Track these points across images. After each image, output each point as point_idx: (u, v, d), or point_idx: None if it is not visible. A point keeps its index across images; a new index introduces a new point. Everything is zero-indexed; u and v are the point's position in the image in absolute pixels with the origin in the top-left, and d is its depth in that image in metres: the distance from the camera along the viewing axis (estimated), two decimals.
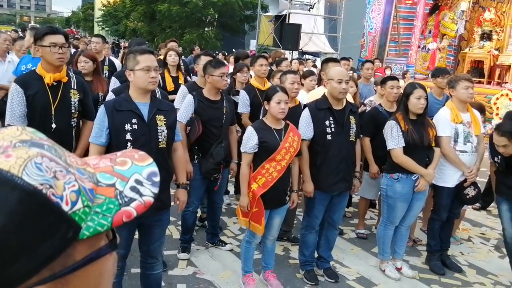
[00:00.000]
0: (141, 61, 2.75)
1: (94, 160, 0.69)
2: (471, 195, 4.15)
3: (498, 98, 10.59)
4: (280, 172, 3.39)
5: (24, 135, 0.60)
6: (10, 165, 0.55)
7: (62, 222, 0.57)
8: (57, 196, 0.56)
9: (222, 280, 3.77)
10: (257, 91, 4.81)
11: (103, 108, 2.81)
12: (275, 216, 3.56)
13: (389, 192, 3.93)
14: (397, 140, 3.80)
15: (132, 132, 2.77)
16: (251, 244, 3.61)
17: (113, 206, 0.63)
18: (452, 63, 14.06)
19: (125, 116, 2.77)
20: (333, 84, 3.64)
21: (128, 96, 2.84)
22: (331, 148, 3.66)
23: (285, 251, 4.41)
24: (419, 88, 3.85)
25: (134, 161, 0.69)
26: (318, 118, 3.67)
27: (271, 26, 19.69)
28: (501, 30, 12.92)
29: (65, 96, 3.20)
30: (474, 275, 4.27)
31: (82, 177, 0.62)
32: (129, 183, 0.65)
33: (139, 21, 33.26)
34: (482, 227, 5.56)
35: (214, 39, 26.95)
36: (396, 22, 14.37)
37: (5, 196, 0.53)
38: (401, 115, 3.86)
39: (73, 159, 0.63)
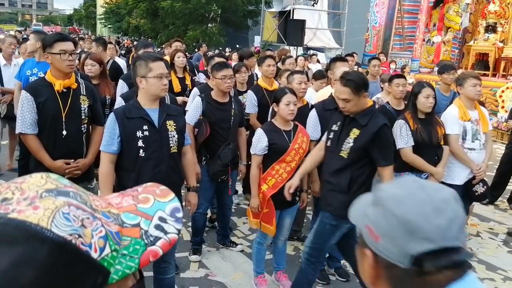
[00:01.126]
0: (154, 69, 2.76)
1: (117, 198, 0.70)
2: (480, 192, 4.18)
3: (503, 91, 10.55)
4: (289, 173, 3.43)
5: (49, 183, 0.61)
6: (39, 218, 0.55)
7: (92, 269, 0.58)
8: (86, 244, 0.58)
9: (234, 282, 3.82)
10: (265, 91, 4.83)
11: (113, 116, 2.82)
12: (285, 216, 3.60)
13: None
14: (406, 139, 3.83)
15: (144, 139, 2.79)
16: (263, 245, 3.65)
17: (140, 247, 0.64)
18: (457, 56, 14.00)
19: (136, 123, 2.79)
20: (337, 86, 3.65)
21: (137, 103, 2.85)
22: None
23: (296, 250, 4.45)
24: (427, 87, 3.87)
25: (156, 198, 0.70)
26: (326, 119, 3.70)
27: (275, 22, 19.67)
28: (505, 22, 12.84)
29: (75, 102, 3.22)
30: (483, 270, 4.30)
31: (108, 220, 0.63)
32: (153, 221, 0.66)
33: (142, 18, 33.25)
34: (490, 221, 5.58)
35: (217, 35, 26.89)
36: (401, 16, 14.32)
37: (36, 250, 0.54)
38: (410, 114, 3.89)
39: (97, 203, 0.64)
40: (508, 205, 6.10)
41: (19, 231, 0.54)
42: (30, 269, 0.53)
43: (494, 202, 6.17)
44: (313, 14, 19.53)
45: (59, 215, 0.57)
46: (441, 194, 0.83)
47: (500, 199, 6.22)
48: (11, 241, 0.54)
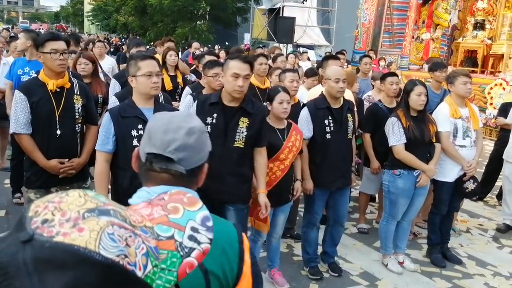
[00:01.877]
0: (143, 67, 2.78)
1: (146, 209, 0.71)
2: (471, 189, 4.23)
3: (492, 87, 10.67)
4: (283, 171, 3.45)
5: (89, 202, 0.60)
6: (86, 241, 0.55)
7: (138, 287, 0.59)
8: (132, 264, 0.58)
9: None
10: (257, 89, 4.83)
11: (108, 115, 2.83)
12: (279, 213, 3.62)
13: (391, 188, 4.00)
14: (398, 136, 3.87)
15: (139, 138, 2.78)
16: (257, 242, 3.66)
17: (176, 260, 0.65)
18: (445, 53, 14.15)
19: (131, 122, 2.79)
20: (331, 84, 3.69)
21: (132, 102, 2.86)
22: (331, 146, 3.73)
23: (289, 248, 4.47)
24: (419, 85, 3.91)
25: (186, 207, 0.71)
26: (317, 117, 3.72)
27: (265, 19, 19.66)
28: (494, 19, 13.00)
29: (69, 102, 3.20)
30: (474, 266, 4.36)
31: (147, 236, 0.63)
32: (186, 232, 0.68)
33: (130, 15, 33.02)
34: (480, 218, 5.65)
35: (206, 32, 26.82)
36: (390, 13, 14.40)
37: (87, 274, 0.54)
38: (402, 111, 3.92)
39: (134, 218, 0.64)
40: (497, 202, 6.18)
41: (68, 256, 0.54)
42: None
43: (483, 198, 6.24)
44: (302, 11, 19.56)
45: (105, 237, 0.57)
46: (179, 124, 1.10)
47: (489, 195, 6.30)
48: (61, 265, 0.53)
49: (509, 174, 5.24)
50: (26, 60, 4.72)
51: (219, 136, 3.02)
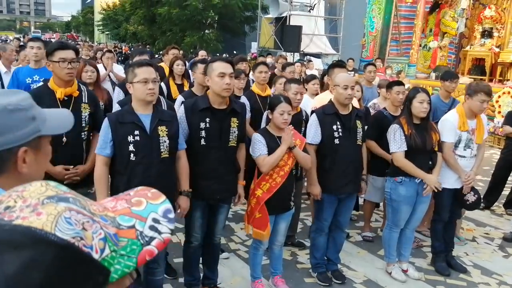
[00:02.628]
0: (139, 74, 2.86)
1: (111, 202, 0.74)
2: (472, 201, 4.23)
3: (500, 96, 10.61)
4: (283, 177, 3.47)
5: (49, 191, 0.64)
6: (43, 223, 0.59)
7: (94, 269, 0.62)
8: (88, 246, 0.61)
9: (232, 286, 3.84)
10: (258, 97, 4.86)
11: (106, 120, 2.92)
12: (280, 221, 3.63)
13: (393, 195, 4.00)
14: (399, 144, 3.87)
15: (135, 144, 2.87)
16: (259, 250, 3.68)
17: (136, 247, 0.68)
18: (453, 61, 14.10)
19: (128, 128, 2.87)
20: (339, 90, 3.72)
21: (130, 108, 2.94)
22: (339, 152, 3.75)
23: (293, 255, 4.47)
24: (422, 92, 3.91)
25: (149, 200, 0.74)
26: (326, 123, 3.75)
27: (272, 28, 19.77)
28: (501, 27, 12.95)
29: (76, 110, 3.24)
30: (479, 275, 4.33)
31: (106, 223, 0.67)
32: (147, 222, 0.70)
33: (139, 25, 33.33)
34: (486, 226, 5.61)
35: (215, 41, 26.98)
36: (397, 21, 14.41)
37: (43, 253, 0.58)
38: (405, 119, 3.93)
39: (95, 207, 0.68)
40: (504, 210, 6.13)
41: (25, 236, 0.58)
42: (37, 271, 0.57)
43: (490, 207, 6.20)
44: (309, 20, 19.65)
45: (62, 220, 0.60)
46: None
47: (496, 204, 6.25)
48: (18, 246, 0.57)
49: None
50: (32, 68, 4.79)
51: (214, 139, 3.20)
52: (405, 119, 3.92)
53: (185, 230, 3.54)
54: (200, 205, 3.35)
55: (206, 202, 3.37)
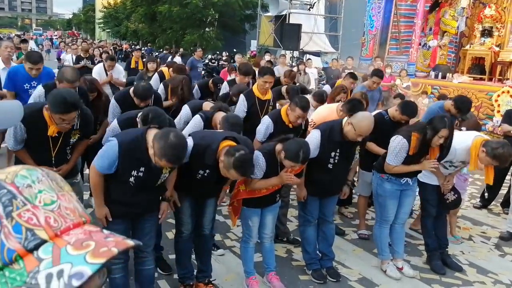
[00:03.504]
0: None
1: (79, 230, 0.65)
2: (451, 200, 4.29)
3: (499, 95, 10.58)
4: (268, 191, 3.55)
5: (9, 175, 0.62)
6: None
7: None
8: None
9: (226, 283, 3.84)
10: (257, 99, 4.83)
11: (117, 146, 2.79)
12: (267, 214, 3.67)
13: (379, 190, 4.09)
14: (398, 160, 3.86)
15: (136, 177, 2.89)
16: (249, 243, 3.69)
17: (19, 280, 0.58)
18: (453, 60, 14.06)
19: (135, 163, 2.84)
20: (353, 133, 3.61)
21: (144, 143, 2.79)
22: (329, 173, 3.80)
23: (288, 253, 4.47)
24: (446, 129, 3.70)
25: (88, 252, 0.60)
26: (326, 148, 3.74)
27: (272, 26, 19.73)
28: (501, 26, 12.90)
29: (65, 141, 3.34)
30: (474, 274, 4.32)
31: (14, 235, 0.59)
32: (52, 269, 0.59)
33: (140, 22, 33.39)
34: (483, 225, 5.60)
35: (215, 39, 27.00)
36: (397, 20, 14.37)
37: None
38: (418, 139, 3.76)
39: (32, 216, 0.61)
40: (501, 209, 6.12)
41: None
42: None
43: (487, 206, 6.19)
44: (309, 18, 19.59)
45: None
46: None
47: (493, 203, 6.24)
48: None
49: None
50: (29, 75, 4.72)
51: (210, 182, 3.28)
52: (417, 140, 3.76)
53: (175, 221, 3.58)
54: (187, 197, 3.42)
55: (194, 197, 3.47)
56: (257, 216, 3.59)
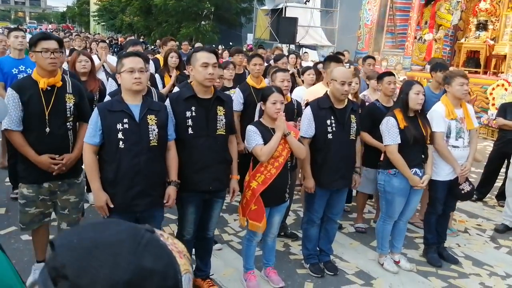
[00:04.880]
0: (126, 64, 2.92)
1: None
2: (466, 190, 4.23)
3: (494, 88, 10.66)
4: (278, 168, 3.45)
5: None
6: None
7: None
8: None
9: (224, 278, 3.86)
10: (252, 89, 4.85)
11: (96, 110, 2.95)
12: (275, 214, 3.64)
13: (387, 187, 4.00)
14: (393, 136, 3.86)
15: (123, 131, 2.88)
16: (252, 242, 3.69)
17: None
18: (448, 53, 14.11)
19: (117, 116, 2.90)
20: (336, 85, 3.71)
21: (120, 98, 2.97)
22: (332, 146, 3.75)
23: (286, 247, 4.49)
24: (417, 84, 3.93)
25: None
26: (320, 117, 3.74)
27: (268, 20, 19.69)
28: (496, 20, 12.96)
29: (60, 100, 3.24)
30: (470, 266, 4.36)
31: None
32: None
33: (135, 16, 33.12)
34: (478, 218, 5.65)
35: (211, 32, 26.86)
36: (392, 14, 14.39)
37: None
38: (400, 111, 3.91)
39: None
40: (496, 202, 6.18)
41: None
42: None
43: (482, 198, 6.24)
44: (305, 11, 19.57)
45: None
46: None
47: (488, 195, 6.29)
48: None
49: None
50: (15, 59, 4.77)
51: (202, 128, 3.22)
52: (401, 112, 3.91)
53: (178, 224, 3.53)
54: (194, 200, 3.33)
55: (200, 197, 3.34)
56: (266, 215, 3.54)
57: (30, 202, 3.28)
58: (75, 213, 3.48)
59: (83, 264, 0.61)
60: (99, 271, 0.60)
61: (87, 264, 0.61)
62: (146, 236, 0.67)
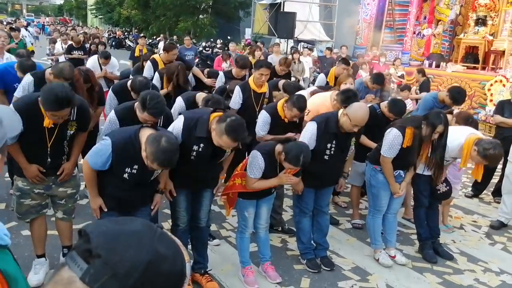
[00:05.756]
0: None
1: None
2: (442, 191, 4.36)
3: (492, 84, 10.65)
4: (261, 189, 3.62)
5: None
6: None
7: None
8: None
9: (222, 273, 3.90)
10: (252, 92, 4.85)
11: (110, 145, 2.85)
12: (262, 205, 3.74)
13: (372, 181, 4.16)
14: (393, 151, 3.94)
15: (130, 174, 2.94)
16: (244, 233, 3.75)
17: None
18: (447, 48, 14.11)
19: (129, 161, 2.90)
20: (347, 123, 3.67)
21: (137, 143, 2.85)
22: (325, 165, 3.85)
23: (283, 242, 4.53)
24: (442, 125, 3.85)
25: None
26: (323, 139, 3.78)
27: (266, 14, 19.64)
28: (495, 15, 12.94)
29: (62, 132, 3.27)
30: (465, 262, 4.41)
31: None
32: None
33: (133, 9, 32.99)
34: (474, 214, 5.69)
35: (209, 26, 26.80)
36: (391, 9, 14.37)
37: None
38: (413, 133, 3.87)
39: None
40: (492, 198, 6.22)
41: None
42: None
43: (478, 195, 6.28)
44: (303, 6, 19.51)
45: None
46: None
47: (484, 192, 6.33)
48: None
49: (510, 173, 5.24)
50: (19, 77, 4.57)
51: (205, 159, 3.29)
52: (412, 134, 3.86)
53: (171, 214, 3.61)
54: (183, 189, 3.46)
55: (191, 187, 3.51)
56: (252, 207, 3.66)
57: (25, 195, 3.35)
58: (72, 203, 3.58)
59: (114, 246, 0.74)
60: (126, 252, 0.73)
61: (117, 246, 0.74)
62: (158, 230, 0.81)
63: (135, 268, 0.72)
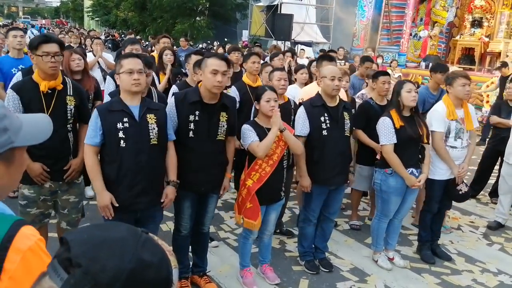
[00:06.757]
0: (124, 65, 2.92)
1: None
2: (464, 191, 4.27)
3: (488, 85, 10.71)
4: (272, 166, 3.49)
5: None
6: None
7: None
8: None
9: (221, 274, 3.90)
10: (248, 87, 4.87)
11: (96, 111, 2.95)
12: (271, 211, 3.68)
13: (383, 186, 4.03)
14: (389, 136, 3.89)
15: (124, 130, 2.90)
16: (248, 239, 3.73)
17: None
18: (443, 50, 14.18)
19: (117, 115, 2.91)
20: (326, 82, 3.75)
21: (119, 99, 2.98)
22: (327, 143, 3.78)
23: (281, 244, 4.54)
24: (408, 82, 3.99)
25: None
26: (313, 115, 3.77)
27: (263, 16, 19.66)
28: (491, 17, 13.03)
29: (60, 103, 3.24)
30: (463, 263, 4.43)
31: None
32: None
33: (130, 11, 32.94)
34: (471, 215, 5.72)
35: (206, 28, 26.78)
36: (388, 10, 14.42)
37: None
38: (395, 111, 3.94)
39: None
40: (489, 199, 6.25)
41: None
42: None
43: (476, 196, 6.30)
44: (300, 8, 19.56)
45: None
46: None
47: (482, 193, 6.36)
48: None
49: (506, 174, 5.27)
50: (14, 58, 4.76)
51: (203, 133, 3.25)
52: (396, 112, 3.93)
53: (175, 220, 3.57)
54: (189, 195, 3.38)
55: (194, 193, 3.40)
56: (261, 213, 3.58)
57: (32, 203, 3.27)
58: (75, 213, 3.48)
59: (95, 254, 0.72)
60: (108, 261, 0.71)
61: (98, 255, 0.72)
62: (143, 236, 0.79)
63: (117, 277, 0.70)
